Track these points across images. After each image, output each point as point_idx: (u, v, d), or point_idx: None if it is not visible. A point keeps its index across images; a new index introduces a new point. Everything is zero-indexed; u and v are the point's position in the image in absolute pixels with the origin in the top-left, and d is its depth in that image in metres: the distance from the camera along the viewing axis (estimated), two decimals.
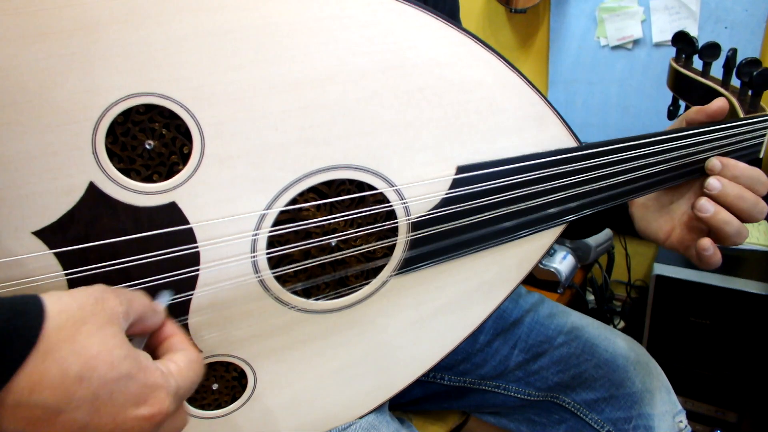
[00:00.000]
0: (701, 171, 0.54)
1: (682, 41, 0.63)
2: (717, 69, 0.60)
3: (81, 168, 0.38)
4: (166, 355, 0.36)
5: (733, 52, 0.57)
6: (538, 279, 1.49)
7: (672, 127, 0.57)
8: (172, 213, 0.41)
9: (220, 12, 0.39)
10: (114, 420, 0.31)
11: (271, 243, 0.45)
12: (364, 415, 0.57)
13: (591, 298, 1.80)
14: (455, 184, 0.48)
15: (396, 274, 0.50)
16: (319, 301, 0.49)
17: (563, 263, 1.49)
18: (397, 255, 0.50)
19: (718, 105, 0.52)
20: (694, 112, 0.54)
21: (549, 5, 1.67)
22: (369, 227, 0.48)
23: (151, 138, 0.40)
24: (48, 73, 0.36)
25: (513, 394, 0.75)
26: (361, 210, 0.47)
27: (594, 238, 1.58)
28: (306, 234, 0.46)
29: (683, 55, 0.64)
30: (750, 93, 0.56)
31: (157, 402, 0.32)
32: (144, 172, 0.40)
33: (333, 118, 0.44)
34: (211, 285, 0.43)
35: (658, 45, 1.56)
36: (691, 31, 1.47)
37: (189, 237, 0.42)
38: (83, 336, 0.30)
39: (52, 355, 0.29)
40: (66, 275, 0.39)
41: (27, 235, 0.38)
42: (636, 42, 1.58)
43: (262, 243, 0.44)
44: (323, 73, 0.42)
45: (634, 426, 0.68)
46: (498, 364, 0.76)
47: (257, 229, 0.44)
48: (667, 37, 1.53)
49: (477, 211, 0.50)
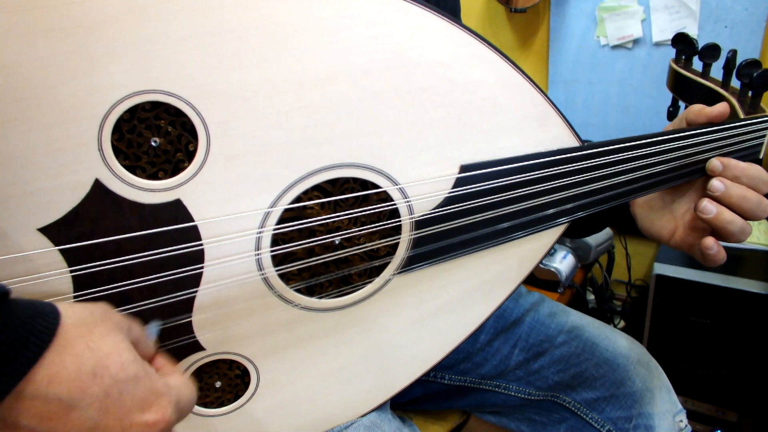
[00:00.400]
0: (702, 171, 0.54)
1: (682, 42, 0.63)
2: (717, 70, 0.60)
3: (87, 165, 0.38)
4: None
5: (733, 53, 0.57)
6: (538, 278, 1.49)
7: (671, 127, 0.57)
8: (177, 210, 0.41)
9: (224, 11, 0.39)
10: (120, 423, 0.31)
11: (275, 241, 0.45)
12: (365, 414, 0.57)
13: (591, 297, 1.80)
14: (458, 183, 0.49)
15: (399, 272, 0.51)
16: (322, 299, 0.49)
17: (563, 263, 1.49)
18: (400, 253, 0.50)
19: (719, 110, 0.52)
20: (694, 113, 0.54)
21: (549, 5, 1.67)
22: (372, 225, 0.48)
23: (157, 135, 0.40)
24: (54, 70, 0.36)
25: (513, 393, 0.76)
26: (365, 208, 0.47)
27: (594, 237, 1.58)
28: (310, 232, 0.47)
29: (683, 56, 0.64)
30: (750, 94, 0.56)
31: (161, 409, 0.33)
32: (149, 169, 0.40)
33: (337, 117, 0.44)
34: (215, 282, 0.44)
35: (658, 44, 1.56)
36: (691, 31, 1.48)
37: (194, 234, 0.42)
38: (97, 336, 0.32)
39: (69, 350, 0.30)
40: (71, 272, 0.39)
41: (32, 232, 0.38)
42: (636, 41, 1.58)
43: (266, 241, 0.44)
44: (327, 73, 0.43)
45: (634, 425, 0.68)
46: (498, 363, 0.76)
47: (261, 227, 0.44)
48: (667, 37, 1.53)
49: (479, 210, 0.50)
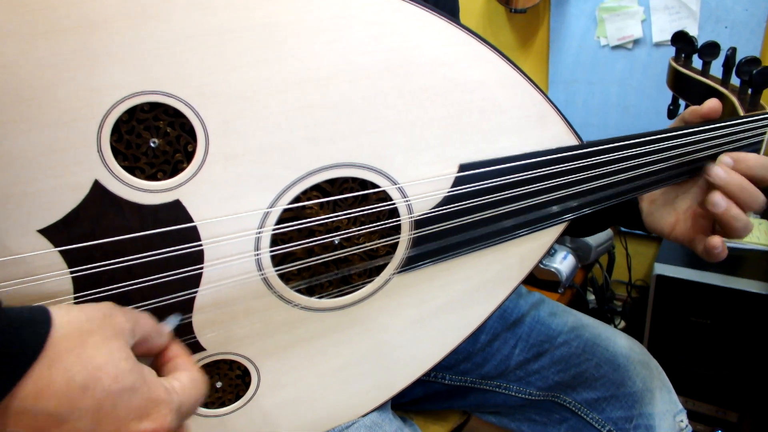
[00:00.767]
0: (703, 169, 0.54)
1: (681, 41, 0.63)
2: (717, 68, 0.60)
3: (86, 166, 0.38)
4: (170, 375, 0.37)
5: (733, 51, 0.57)
6: (538, 279, 1.49)
7: (671, 127, 0.57)
8: (176, 211, 0.41)
9: (225, 11, 0.39)
10: None
11: (275, 241, 0.45)
12: (366, 414, 0.57)
13: (592, 297, 1.80)
14: (457, 182, 0.49)
15: (398, 272, 0.51)
16: (322, 299, 0.49)
17: (564, 263, 1.49)
18: (400, 253, 0.50)
19: (709, 106, 0.53)
20: (688, 113, 0.55)
21: (549, 5, 1.67)
22: (372, 225, 0.48)
23: (156, 136, 0.40)
24: (53, 71, 0.36)
25: (514, 393, 0.76)
26: (364, 208, 0.47)
27: (594, 237, 1.58)
28: (309, 232, 0.47)
29: (683, 55, 0.64)
30: (750, 91, 0.56)
31: (160, 417, 0.32)
32: (148, 170, 0.40)
33: (337, 117, 0.44)
34: (215, 282, 0.44)
35: (658, 45, 1.56)
36: (691, 31, 1.48)
37: (193, 234, 0.42)
38: (90, 347, 0.31)
39: (58, 364, 0.29)
40: (71, 273, 0.39)
41: (32, 233, 0.38)
42: (636, 42, 1.58)
43: (265, 241, 0.44)
44: (327, 72, 0.43)
45: (635, 425, 0.68)
46: (499, 363, 0.76)
47: (261, 227, 0.44)
48: (668, 37, 1.53)
49: (479, 209, 0.50)
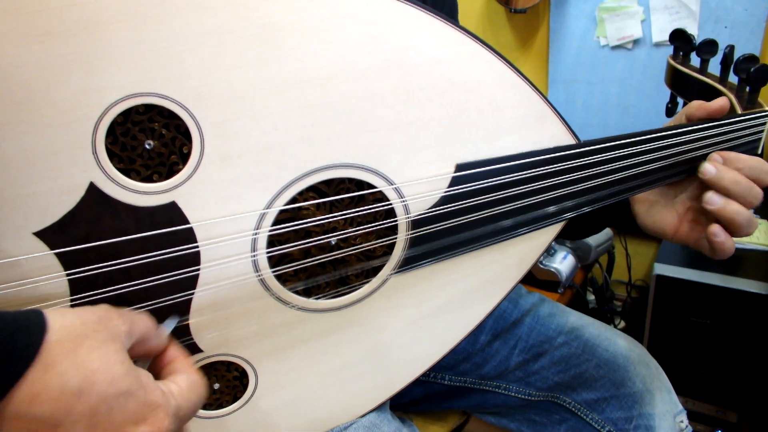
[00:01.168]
0: None
1: (679, 39, 0.63)
2: (715, 66, 0.60)
3: (81, 168, 0.38)
4: (168, 377, 0.36)
5: (731, 48, 0.57)
6: (538, 279, 1.49)
7: (671, 123, 0.57)
8: (172, 212, 0.41)
9: (220, 11, 0.39)
10: None
11: (272, 242, 0.45)
12: (364, 415, 0.57)
13: (591, 298, 1.80)
14: (454, 181, 0.49)
15: (396, 272, 0.50)
16: (320, 300, 0.49)
17: (563, 263, 1.49)
18: (397, 253, 0.50)
19: (719, 104, 0.52)
20: (694, 107, 0.54)
21: (549, 5, 1.67)
22: (368, 225, 0.48)
23: (151, 138, 0.40)
24: (48, 73, 0.36)
25: (513, 394, 0.75)
26: (361, 208, 0.47)
27: (594, 237, 1.58)
28: (306, 233, 0.46)
29: (681, 53, 0.64)
30: (748, 89, 0.56)
31: (156, 421, 0.32)
32: (144, 172, 0.40)
33: (333, 117, 0.44)
34: (212, 284, 0.44)
35: (657, 45, 1.56)
36: (691, 31, 1.47)
37: (189, 236, 0.42)
38: (85, 351, 0.30)
39: (52, 369, 0.29)
40: (67, 275, 0.39)
41: (28, 236, 0.38)
42: (636, 42, 1.58)
43: (262, 242, 0.44)
44: (324, 73, 0.42)
45: (634, 426, 0.68)
46: (498, 364, 0.76)
47: (257, 228, 0.44)
48: (667, 37, 1.53)
49: (476, 209, 0.50)
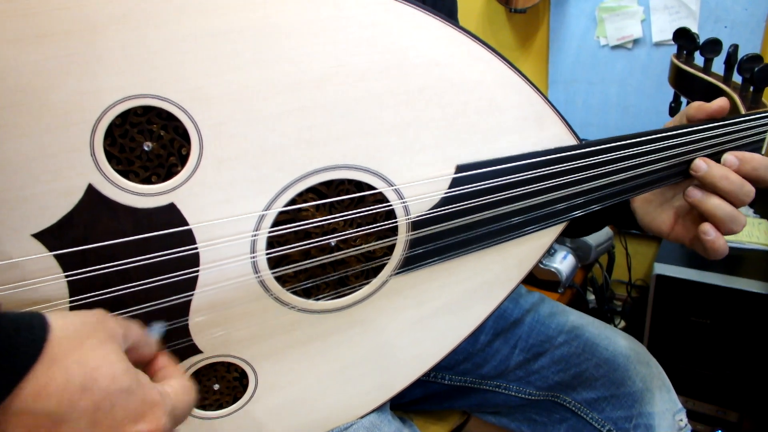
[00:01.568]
0: None
1: (683, 38, 0.63)
2: (718, 65, 0.60)
3: (80, 170, 0.38)
4: (161, 382, 0.37)
5: (735, 48, 0.57)
6: (538, 279, 1.48)
7: (672, 123, 0.57)
8: (171, 214, 0.41)
9: (218, 13, 0.39)
10: None
11: (271, 243, 0.45)
12: (365, 415, 0.57)
13: (591, 297, 1.80)
14: (454, 183, 0.48)
15: (396, 273, 0.50)
16: (320, 301, 0.49)
17: (564, 263, 1.48)
18: (397, 254, 0.50)
19: (719, 104, 0.52)
20: (694, 108, 0.54)
21: (549, 5, 1.67)
22: (368, 227, 0.48)
23: (150, 140, 0.40)
24: (46, 75, 0.36)
25: (514, 393, 0.75)
26: (361, 210, 0.47)
27: (594, 237, 1.57)
28: (305, 234, 0.46)
29: (684, 52, 0.64)
30: (751, 89, 0.56)
31: (155, 419, 0.32)
32: (142, 173, 0.40)
33: (332, 118, 0.43)
34: (211, 285, 0.43)
35: (658, 44, 1.56)
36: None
37: (188, 238, 0.42)
38: (87, 349, 0.31)
39: (57, 364, 0.29)
40: (66, 277, 0.39)
41: (26, 238, 0.38)
42: (636, 42, 1.58)
43: (261, 243, 0.44)
44: (322, 74, 0.42)
45: (634, 425, 0.68)
46: (498, 363, 0.76)
47: (257, 230, 0.44)
48: (667, 37, 1.53)
49: (476, 210, 0.50)
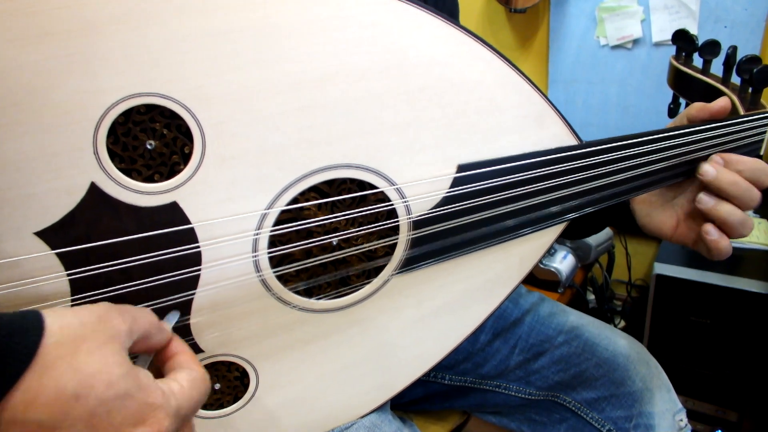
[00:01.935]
0: None
1: (682, 39, 0.63)
2: (717, 66, 0.60)
3: (82, 168, 0.38)
4: (169, 374, 0.36)
5: (733, 49, 0.57)
6: (538, 278, 1.49)
7: (673, 124, 0.57)
8: (173, 213, 0.41)
9: (220, 12, 0.39)
10: None
11: (273, 242, 0.45)
12: (365, 415, 0.57)
13: (591, 297, 1.80)
14: (456, 182, 0.49)
15: (397, 273, 0.50)
16: (321, 301, 0.49)
17: (564, 263, 1.49)
18: (398, 254, 0.50)
19: (721, 104, 0.52)
20: (696, 109, 0.54)
21: (549, 5, 1.67)
22: (370, 226, 0.48)
23: (152, 138, 0.40)
24: (49, 74, 0.36)
25: (514, 393, 0.75)
26: (362, 209, 0.47)
27: (594, 237, 1.58)
28: (307, 233, 0.46)
29: (683, 53, 0.64)
30: (750, 90, 0.56)
31: (156, 422, 0.32)
32: (145, 172, 0.40)
33: (333, 118, 0.44)
34: (213, 284, 0.43)
35: (657, 44, 1.56)
36: (691, 31, 1.48)
37: (190, 237, 0.42)
38: (83, 353, 0.30)
39: (49, 372, 0.29)
40: (68, 275, 0.39)
41: (29, 236, 0.38)
42: (636, 42, 1.58)
43: (263, 242, 0.44)
44: (323, 73, 0.42)
45: (634, 424, 0.68)
46: (498, 363, 0.76)
47: (258, 229, 0.44)
48: (667, 37, 1.53)
49: (478, 210, 0.50)
